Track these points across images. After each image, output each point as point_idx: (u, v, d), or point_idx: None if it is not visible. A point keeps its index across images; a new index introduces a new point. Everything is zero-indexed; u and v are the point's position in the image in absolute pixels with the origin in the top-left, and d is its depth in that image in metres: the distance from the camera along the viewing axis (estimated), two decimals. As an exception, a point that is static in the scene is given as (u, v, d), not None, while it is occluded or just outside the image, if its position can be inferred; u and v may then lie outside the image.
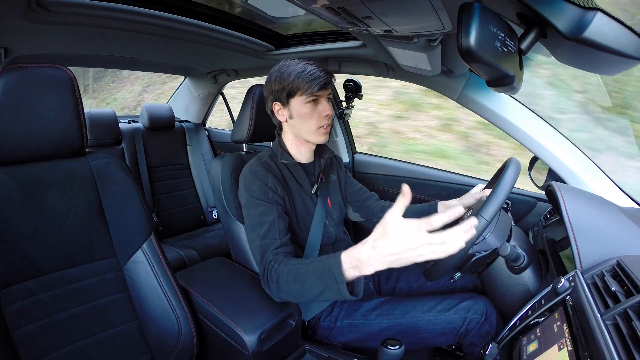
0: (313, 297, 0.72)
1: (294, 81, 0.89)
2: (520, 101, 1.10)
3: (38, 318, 0.72)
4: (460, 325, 0.89)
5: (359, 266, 0.64)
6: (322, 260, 0.71)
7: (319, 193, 1.03)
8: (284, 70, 0.91)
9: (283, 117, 0.96)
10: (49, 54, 1.34)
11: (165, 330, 0.85)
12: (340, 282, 0.66)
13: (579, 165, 1.04)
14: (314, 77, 0.88)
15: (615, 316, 0.46)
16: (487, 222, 0.70)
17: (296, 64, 0.91)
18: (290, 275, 0.75)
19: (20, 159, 0.77)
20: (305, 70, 0.88)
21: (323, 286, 0.69)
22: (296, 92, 0.90)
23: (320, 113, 0.92)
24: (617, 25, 0.50)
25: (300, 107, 0.92)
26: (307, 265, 0.74)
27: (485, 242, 0.78)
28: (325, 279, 0.68)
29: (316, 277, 0.70)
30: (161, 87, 7.28)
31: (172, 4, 1.11)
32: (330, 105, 0.95)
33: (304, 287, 0.73)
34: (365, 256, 0.63)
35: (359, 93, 1.65)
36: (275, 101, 0.95)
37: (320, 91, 0.90)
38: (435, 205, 1.11)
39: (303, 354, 0.92)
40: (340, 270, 0.66)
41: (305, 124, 0.93)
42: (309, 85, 0.88)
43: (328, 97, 0.94)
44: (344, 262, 0.66)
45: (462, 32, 0.48)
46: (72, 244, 0.79)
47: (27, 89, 0.73)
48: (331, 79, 0.91)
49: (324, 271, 0.68)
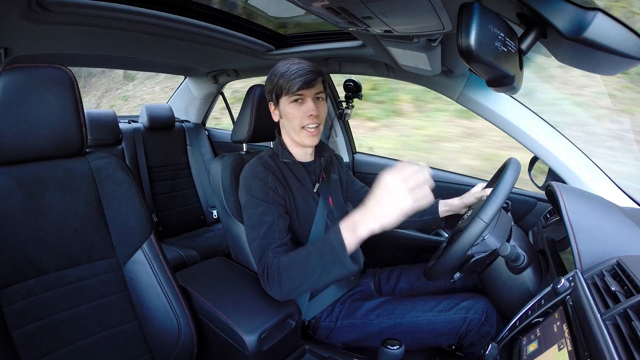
0: (316, 278, 0.73)
1: (278, 81, 0.90)
2: (520, 101, 1.11)
3: (38, 318, 0.72)
4: (460, 325, 0.89)
5: (354, 228, 0.67)
6: (321, 237, 0.74)
7: (321, 192, 1.03)
8: (274, 71, 0.92)
9: (276, 117, 0.98)
10: (49, 54, 1.34)
11: (165, 330, 0.85)
12: (341, 251, 0.68)
13: (579, 165, 1.04)
14: (295, 76, 0.87)
15: (615, 316, 0.46)
16: (485, 224, 0.70)
17: (284, 64, 0.91)
18: (292, 262, 0.77)
19: (20, 158, 0.77)
20: (288, 70, 0.88)
21: (325, 262, 0.70)
22: (281, 93, 0.91)
23: (304, 113, 0.91)
24: (617, 25, 0.50)
25: (285, 107, 0.92)
26: (307, 247, 0.76)
27: (484, 243, 0.78)
28: (327, 254, 0.70)
29: (317, 254, 0.72)
30: (115, 93, 7.54)
31: (172, 4, 1.11)
32: (320, 105, 0.94)
33: (307, 269, 0.74)
34: (358, 214, 0.67)
35: (359, 93, 1.65)
36: (270, 101, 0.97)
37: (303, 90, 0.89)
38: (436, 203, 1.12)
39: (303, 353, 0.92)
40: (340, 238, 0.68)
41: (291, 124, 0.94)
42: (290, 85, 0.87)
43: (316, 96, 0.92)
44: (343, 231, 0.68)
45: (462, 32, 0.48)
46: (72, 244, 0.79)
47: (27, 89, 0.73)
48: (316, 77, 0.89)
49: (325, 245, 0.71)
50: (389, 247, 1.55)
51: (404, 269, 1.18)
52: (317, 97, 0.93)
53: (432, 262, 0.85)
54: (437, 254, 0.90)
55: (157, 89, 7.74)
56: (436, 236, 1.48)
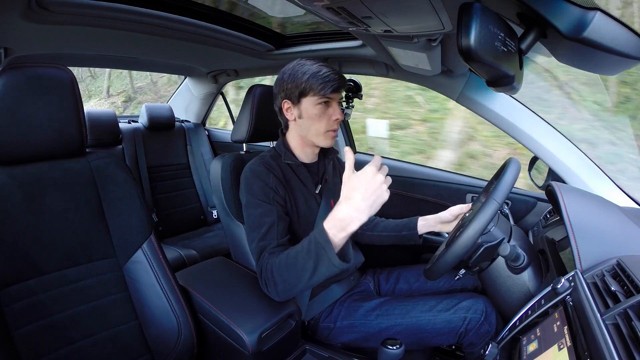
0: (308, 277, 0.72)
1: (308, 81, 0.88)
2: (520, 101, 1.10)
3: (38, 318, 0.72)
4: (460, 325, 0.89)
5: (344, 226, 0.68)
6: (307, 237, 0.74)
7: (323, 194, 1.02)
8: (298, 69, 0.91)
9: (292, 116, 0.95)
10: (49, 54, 1.34)
11: (165, 330, 0.85)
12: (329, 250, 0.67)
13: (579, 165, 1.04)
14: (329, 79, 0.87)
15: (615, 316, 0.46)
16: (498, 204, 0.72)
17: (311, 64, 0.90)
18: (282, 263, 0.76)
19: (20, 159, 0.77)
20: (320, 72, 0.88)
21: (314, 261, 0.70)
22: (309, 92, 0.90)
23: (330, 116, 0.92)
24: (617, 25, 0.50)
25: (311, 108, 0.91)
26: (295, 247, 0.76)
27: (490, 234, 0.79)
28: (314, 252, 0.70)
29: (305, 254, 0.71)
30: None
31: (172, 4, 1.11)
32: (340, 110, 0.95)
33: (297, 270, 0.73)
34: (347, 212, 0.68)
35: (359, 93, 1.65)
36: (286, 99, 0.94)
37: (333, 94, 0.90)
38: (415, 220, 1.12)
39: (303, 353, 0.92)
40: (326, 237, 0.68)
41: (313, 126, 0.93)
42: (322, 87, 0.87)
43: (339, 101, 0.95)
44: (328, 230, 0.68)
45: (462, 32, 0.48)
46: (72, 244, 0.79)
47: (27, 88, 0.73)
48: (344, 84, 0.91)
49: (312, 245, 0.70)
50: (388, 247, 1.54)
51: (403, 269, 1.18)
52: (338, 102, 0.95)
53: (433, 262, 0.85)
54: (436, 255, 0.90)
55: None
56: (436, 236, 1.48)
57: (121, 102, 8.09)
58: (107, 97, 8.38)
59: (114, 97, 8.36)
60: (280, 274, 0.77)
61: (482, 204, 0.74)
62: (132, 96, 8.13)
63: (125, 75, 8.34)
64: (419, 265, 1.20)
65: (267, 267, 0.80)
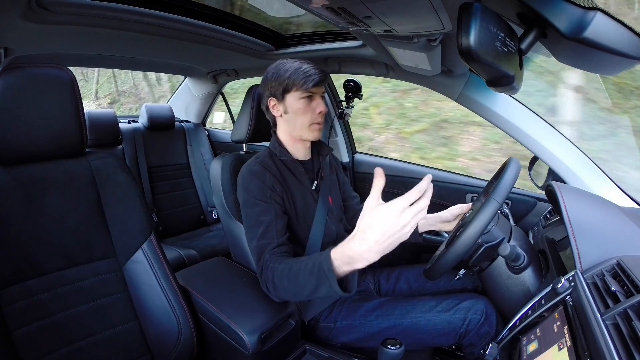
0: (308, 293, 0.73)
1: (290, 77, 0.92)
2: (520, 101, 1.10)
3: (38, 318, 0.72)
4: (460, 326, 0.89)
5: (351, 262, 0.65)
6: (313, 257, 0.72)
7: (320, 190, 1.03)
8: (281, 67, 0.94)
9: (278, 112, 0.98)
10: (49, 54, 1.34)
11: (165, 330, 0.85)
12: (332, 279, 0.66)
13: (579, 165, 1.04)
14: (310, 74, 0.91)
15: (615, 316, 0.46)
16: (499, 204, 0.71)
17: (293, 62, 0.94)
18: (284, 273, 0.76)
19: (20, 159, 0.77)
20: (301, 68, 0.92)
21: (315, 283, 0.70)
22: (292, 88, 0.93)
23: (314, 109, 0.95)
24: (617, 25, 0.50)
25: (295, 103, 0.94)
26: (300, 262, 0.75)
27: (491, 234, 0.79)
28: (317, 276, 0.69)
29: (308, 274, 0.71)
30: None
31: (172, 4, 1.11)
32: (324, 103, 0.98)
33: (298, 285, 0.73)
34: (357, 250, 0.62)
35: (359, 93, 1.65)
36: (271, 97, 0.97)
37: (315, 88, 0.93)
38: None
39: (303, 353, 0.92)
40: (330, 267, 0.67)
41: (299, 120, 0.95)
42: (304, 81, 0.91)
43: (322, 95, 0.98)
44: (334, 260, 0.67)
45: (462, 32, 0.48)
46: (72, 244, 0.80)
47: (27, 89, 0.73)
48: (326, 78, 0.94)
49: (315, 268, 0.70)
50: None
51: (403, 269, 1.18)
52: (321, 95, 0.98)
53: (433, 261, 0.85)
54: (436, 255, 0.90)
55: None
56: (436, 236, 1.48)
57: (107, 104, 8.72)
58: (95, 99, 9.00)
59: (101, 99, 9.03)
60: (281, 281, 0.77)
61: (482, 203, 0.74)
62: (117, 98, 8.78)
63: (111, 79, 9.01)
64: (419, 265, 1.20)
65: (269, 270, 0.80)
